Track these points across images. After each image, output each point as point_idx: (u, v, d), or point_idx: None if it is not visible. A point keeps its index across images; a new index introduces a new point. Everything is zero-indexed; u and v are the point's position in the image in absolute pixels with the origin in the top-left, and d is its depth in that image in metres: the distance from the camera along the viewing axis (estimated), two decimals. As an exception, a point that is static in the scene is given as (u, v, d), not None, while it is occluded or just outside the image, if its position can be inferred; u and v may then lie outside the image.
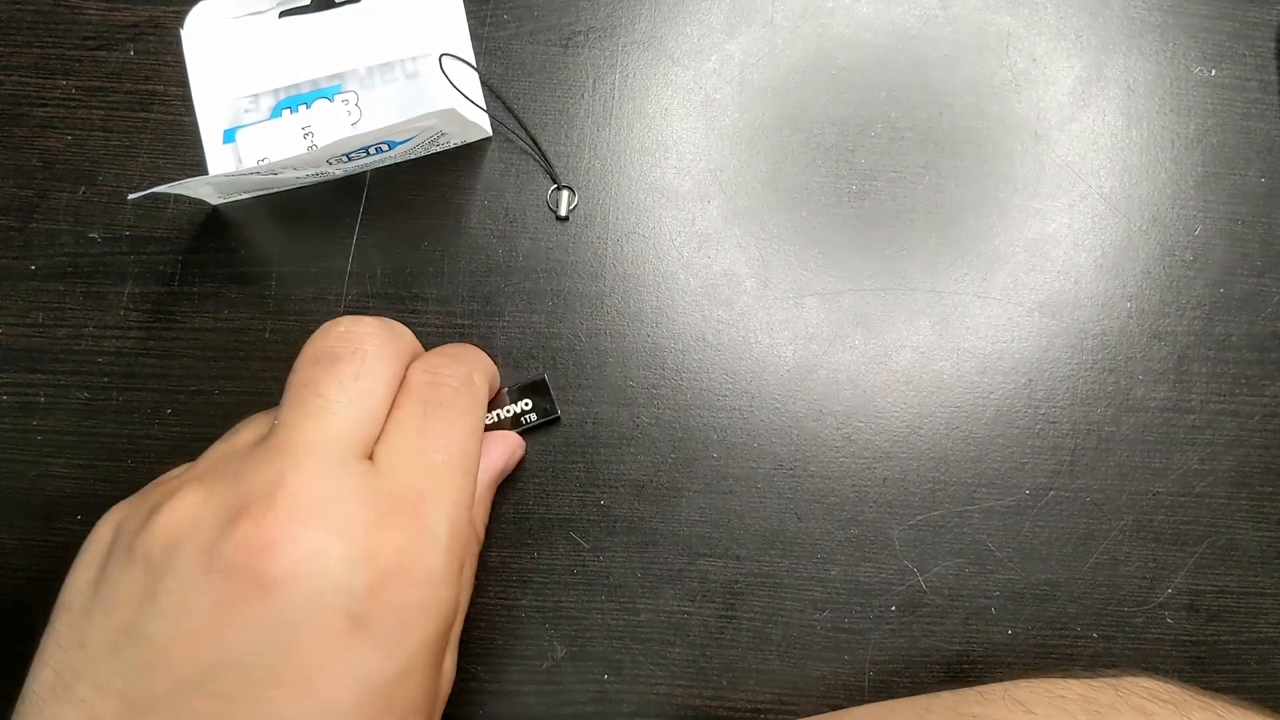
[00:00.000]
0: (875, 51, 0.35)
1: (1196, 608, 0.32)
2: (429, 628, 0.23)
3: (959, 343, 0.33)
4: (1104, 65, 0.35)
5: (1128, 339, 0.33)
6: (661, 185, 0.33)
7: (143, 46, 0.34)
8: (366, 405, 0.24)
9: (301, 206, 0.33)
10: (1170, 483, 0.32)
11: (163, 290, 0.32)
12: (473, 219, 0.33)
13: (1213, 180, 0.34)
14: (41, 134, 0.33)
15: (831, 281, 0.33)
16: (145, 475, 0.27)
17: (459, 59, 0.33)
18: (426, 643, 0.22)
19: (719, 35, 0.34)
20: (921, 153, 0.34)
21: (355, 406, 0.24)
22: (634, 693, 0.30)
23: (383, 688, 0.21)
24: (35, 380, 0.32)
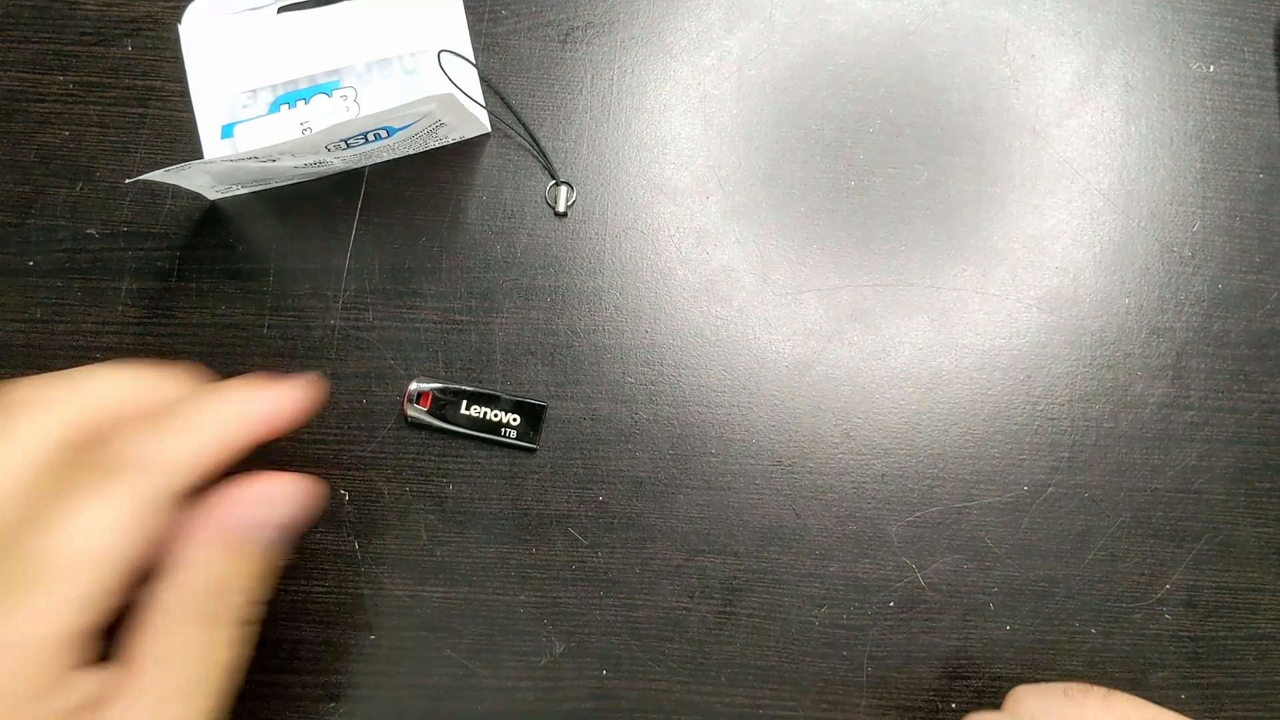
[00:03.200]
0: (874, 48, 0.34)
1: (1195, 603, 0.32)
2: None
3: (957, 339, 0.33)
4: (1103, 61, 0.35)
5: (1126, 335, 0.33)
6: (660, 181, 0.33)
7: (141, 42, 0.33)
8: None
9: (299, 202, 0.33)
10: (1168, 479, 0.32)
11: (160, 286, 0.32)
12: (471, 215, 0.33)
13: (1211, 176, 0.34)
14: (39, 130, 0.33)
15: (830, 277, 0.33)
16: (143, 471, 0.27)
17: (457, 55, 0.33)
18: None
19: (718, 31, 0.34)
20: (920, 149, 0.34)
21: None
22: (632, 689, 0.30)
23: None
24: (33, 376, 0.32)
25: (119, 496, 0.22)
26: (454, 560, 0.31)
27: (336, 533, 0.31)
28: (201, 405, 0.24)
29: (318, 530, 0.31)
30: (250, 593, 0.25)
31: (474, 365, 0.32)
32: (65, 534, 0.21)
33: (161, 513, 0.22)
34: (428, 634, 0.30)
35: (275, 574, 0.26)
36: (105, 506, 0.22)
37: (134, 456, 0.22)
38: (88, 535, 0.21)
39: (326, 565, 0.31)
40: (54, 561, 0.21)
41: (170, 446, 0.23)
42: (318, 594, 0.31)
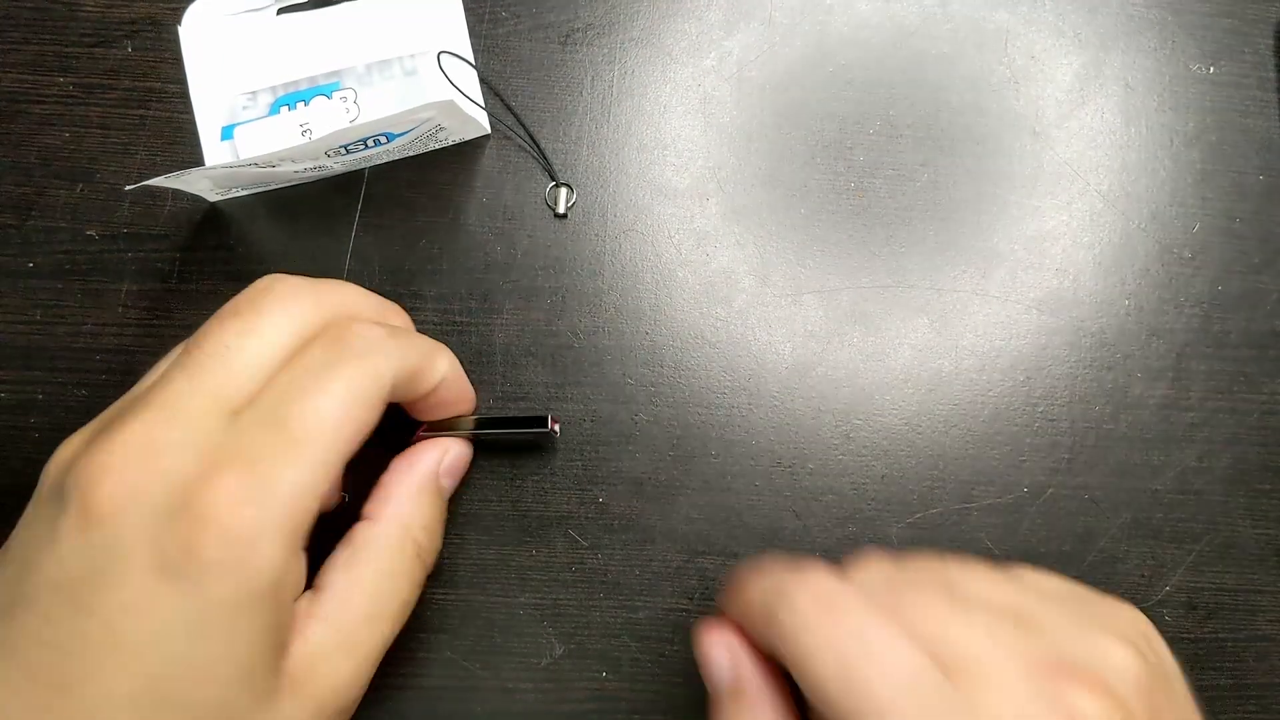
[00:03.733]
0: (874, 49, 0.34)
1: (1195, 605, 0.32)
2: (231, 588, 0.22)
3: (957, 340, 0.33)
4: (1102, 62, 0.35)
5: (1126, 336, 0.33)
6: (660, 183, 0.33)
7: (140, 44, 0.33)
8: (242, 361, 0.24)
9: (300, 204, 0.33)
10: (1168, 480, 0.32)
11: (161, 288, 0.32)
12: (471, 216, 0.33)
13: (1211, 178, 0.34)
14: (39, 131, 0.33)
15: (830, 279, 0.33)
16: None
17: (457, 56, 0.33)
18: (228, 604, 0.22)
19: (717, 32, 0.34)
20: (920, 150, 0.34)
21: (229, 362, 0.24)
22: (632, 691, 0.30)
23: (180, 638, 0.21)
24: (33, 378, 0.32)
25: (357, 375, 0.24)
26: (453, 561, 0.31)
27: (337, 534, 0.31)
28: (418, 336, 0.28)
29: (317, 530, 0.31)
30: (439, 538, 0.28)
31: (474, 366, 0.32)
32: (314, 404, 0.23)
33: (383, 400, 0.25)
34: (427, 635, 0.30)
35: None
36: (347, 383, 0.24)
37: (368, 345, 0.25)
38: (333, 406, 0.24)
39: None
40: (307, 427, 0.23)
41: (396, 347, 0.26)
42: (318, 595, 0.31)
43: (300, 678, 0.24)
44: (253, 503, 0.22)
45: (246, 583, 0.22)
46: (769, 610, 0.23)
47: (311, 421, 0.23)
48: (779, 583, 0.23)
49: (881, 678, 0.21)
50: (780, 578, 0.23)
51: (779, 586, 0.23)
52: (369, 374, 0.24)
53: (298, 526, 0.23)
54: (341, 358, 0.24)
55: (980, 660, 0.21)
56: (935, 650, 0.21)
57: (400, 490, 0.28)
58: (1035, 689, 0.21)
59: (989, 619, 0.22)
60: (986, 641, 0.22)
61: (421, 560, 0.27)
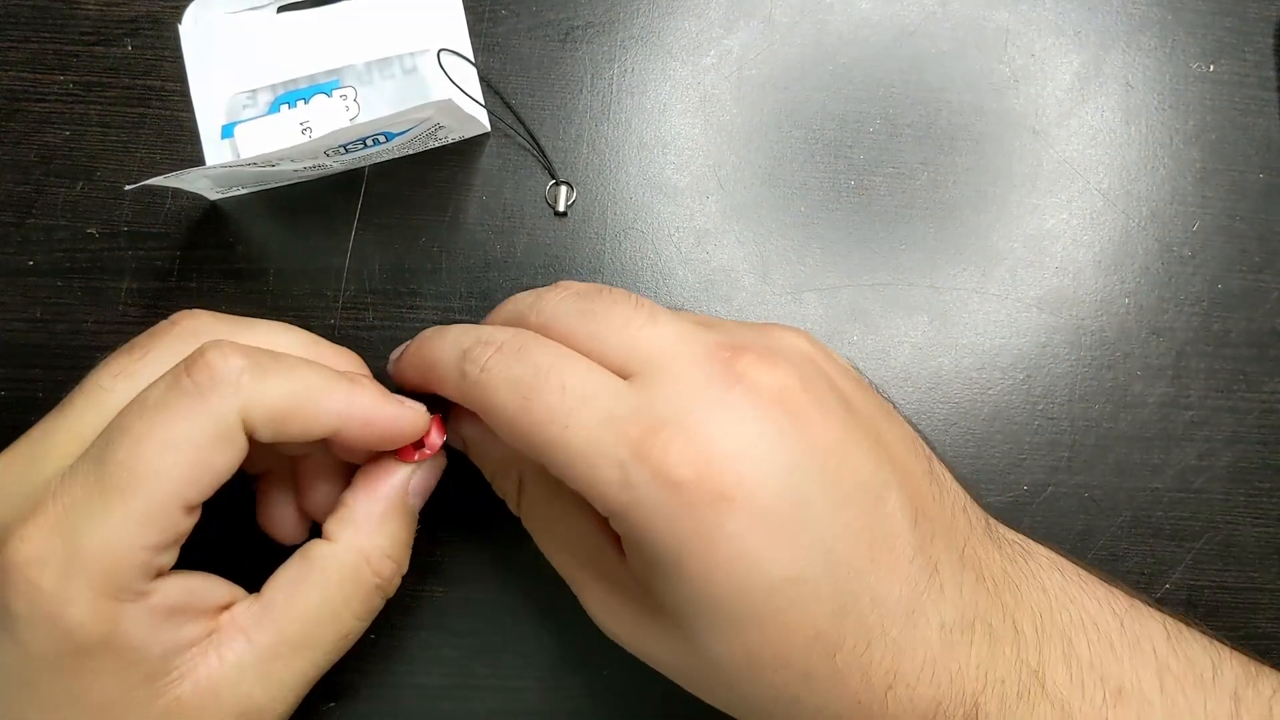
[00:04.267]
0: (874, 47, 0.34)
1: (1195, 603, 0.32)
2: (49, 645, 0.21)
3: (957, 339, 0.33)
4: (1102, 61, 0.35)
5: (1126, 335, 0.33)
6: (660, 181, 0.33)
7: (141, 42, 0.33)
8: (113, 404, 0.23)
9: (300, 202, 0.33)
10: (1168, 479, 0.32)
11: (160, 286, 0.32)
12: (471, 215, 0.33)
13: (1211, 176, 0.34)
14: (39, 129, 0.33)
15: (830, 277, 0.33)
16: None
17: (457, 54, 0.33)
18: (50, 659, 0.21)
19: (717, 31, 0.34)
20: (920, 149, 0.34)
21: (100, 403, 0.24)
22: (635, 688, 0.30)
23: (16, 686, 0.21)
24: (33, 376, 0.32)
25: (192, 415, 0.22)
26: (453, 560, 0.31)
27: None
28: (308, 365, 0.24)
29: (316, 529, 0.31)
30: (404, 563, 0.26)
31: (474, 365, 0.32)
32: (136, 449, 0.21)
33: (231, 443, 0.22)
34: (428, 633, 0.30)
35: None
36: (178, 425, 0.22)
37: (214, 380, 0.22)
38: (157, 450, 0.21)
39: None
40: (127, 474, 0.21)
41: (253, 384, 0.22)
42: (318, 594, 0.31)
43: (195, 704, 0.22)
44: (55, 560, 0.21)
45: (62, 640, 0.21)
46: (458, 368, 0.24)
47: (131, 468, 0.21)
48: (467, 336, 0.24)
49: (558, 402, 0.22)
50: (468, 331, 0.25)
51: (467, 340, 0.24)
52: (207, 414, 0.22)
53: (121, 580, 0.21)
54: (176, 395, 0.22)
55: (662, 354, 0.23)
56: (622, 358, 0.23)
57: (363, 512, 0.25)
58: (710, 370, 0.22)
59: (674, 322, 0.24)
60: (669, 339, 0.23)
61: (381, 590, 0.25)
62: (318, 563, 0.24)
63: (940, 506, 0.24)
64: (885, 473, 0.22)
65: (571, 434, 0.22)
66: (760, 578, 0.21)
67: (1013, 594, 0.23)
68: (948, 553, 0.23)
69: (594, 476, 0.21)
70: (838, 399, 0.23)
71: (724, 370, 0.22)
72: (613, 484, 0.21)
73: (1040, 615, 0.23)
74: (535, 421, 0.22)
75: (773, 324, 0.26)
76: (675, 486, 0.21)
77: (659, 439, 0.21)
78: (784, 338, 0.24)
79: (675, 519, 0.21)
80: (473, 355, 0.24)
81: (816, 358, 0.24)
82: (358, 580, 0.25)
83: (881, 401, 0.25)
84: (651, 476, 0.21)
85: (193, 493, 0.22)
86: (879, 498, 0.22)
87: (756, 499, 0.21)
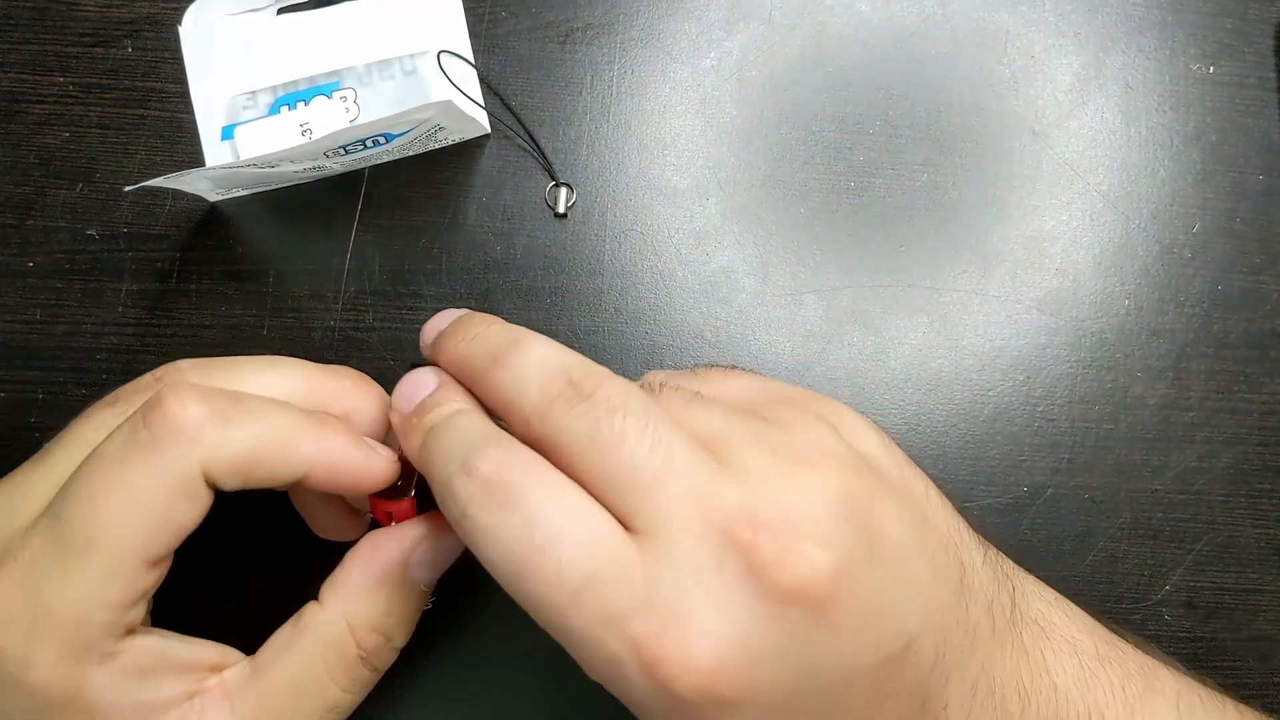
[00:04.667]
0: (874, 49, 0.34)
1: (1195, 604, 0.32)
2: (18, 706, 0.21)
3: (957, 340, 0.33)
4: (1102, 63, 0.35)
5: (1126, 336, 0.33)
6: (660, 182, 0.33)
7: (140, 43, 0.33)
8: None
9: (300, 203, 0.33)
10: (1168, 480, 0.32)
11: (160, 287, 0.32)
12: (471, 216, 0.33)
13: (1211, 178, 0.34)
14: (39, 131, 0.33)
15: (830, 279, 0.33)
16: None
17: (457, 56, 0.33)
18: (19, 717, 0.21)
19: (718, 32, 0.34)
20: (920, 150, 0.34)
21: (76, 459, 0.23)
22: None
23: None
24: (33, 377, 0.32)
25: (150, 470, 0.21)
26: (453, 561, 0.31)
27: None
28: (275, 410, 0.23)
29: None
30: (398, 638, 0.25)
31: (474, 366, 0.32)
32: (93, 507, 0.21)
33: (194, 495, 0.21)
34: (427, 635, 0.30)
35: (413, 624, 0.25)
36: (137, 480, 0.21)
37: (173, 431, 0.21)
38: (115, 508, 0.21)
39: (327, 567, 0.31)
40: (86, 534, 0.21)
41: (216, 432, 0.21)
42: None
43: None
44: (19, 620, 0.20)
45: (28, 700, 0.21)
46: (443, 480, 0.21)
47: (88, 526, 0.21)
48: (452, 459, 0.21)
49: (555, 581, 0.19)
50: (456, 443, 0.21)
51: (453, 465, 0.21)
52: (166, 468, 0.21)
53: (86, 641, 0.21)
54: (133, 449, 0.21)
55: (672, 521, 0.20)
56: (629, 508, 0.20)
57: (353, 578, 0.24)
58: (725, 556, 0.19)
59: (688, 470, 0.20)
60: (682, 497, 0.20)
61: (367, 663, 0.24)
62: (305, 629, 0.23)
63: (964, 626, 0.22)
64: (911, 624, 0.21)
65: (570, 620, 0.20)
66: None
67: (1021, 703, 0.23)
68: (961, 683, 0.22)
69: (591, 662, 0.20)
70: (867, 558, 0.20)
71: (740, 558, 0.19)
72: (610, 677, 0.20)
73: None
74: (530, 597, 0.20)
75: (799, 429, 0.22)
76: (675, 700, 0.19)
77: (663, 645, 0.19)
78: (812, 478, 0.21)
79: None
80: (454, 489, 0.21)
81: (850, 494, 0.21)
82: (341, 651, 0.23)
83: (914, 506, 0.23)
84: (652, 688, 0.19)
85: (154, 548, 0.21)
86: (899, 656, 0.21)
87: (763, 698, 0.19)
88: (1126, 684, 0.24)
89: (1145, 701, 0.24)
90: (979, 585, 0.23)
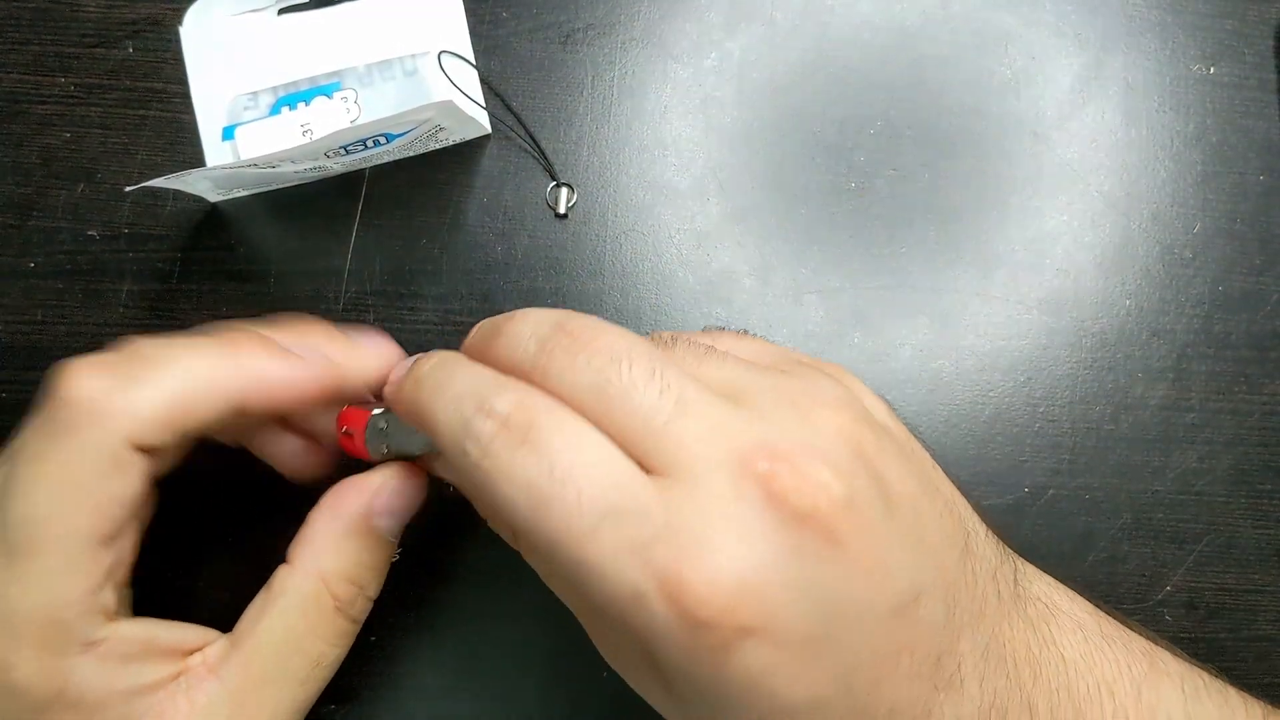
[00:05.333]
0: (875, 50, 0.35)
1: (1195, 605, 0.32)
2: (5, 707, 0.21)
3: (958, 341, 0.33)
4: (1103, 63, 0.35)
5: (1127, 337, 0.33)
6: (660, 183, 0.33)
7: (141, 44, 0.34)
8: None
9: (300, 204, 0.33)
10: (1169, 481, 0.32)
11: (161, 288, 0.32)
12: (471, 217, 0.33)
13: (1212, 178, 0.34)
14: (40, 131, 0.33)
15: (830, 279, 0.33)
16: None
17: (458, 56, 0.33)
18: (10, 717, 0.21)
19: (718, 33, 0.34)
20: (920, 151, 0.34)
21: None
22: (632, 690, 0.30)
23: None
24: (33, 377, 0.31)
25: (65, 457, 0.21)
26: (453, 561, 0.31)
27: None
28: (179, 355, 0.22)
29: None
30: (371, 587, 0.25)
31: (474, 367, 0.32)
32: (21, 507, 0.21)
33: (128, 461, 0.21)
34: (429, 635, 0.30)
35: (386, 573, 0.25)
36: (65, 467, 0.21)
37: (89, 404, 0.21)
38: (41, 504, 0.21)
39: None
40: (22, 535, 0.20)
41: (124, 400, 0.21)
42: (318, 596, 0.31)
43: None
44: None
45: (16, 702, 0.21)
46: (458, 422, 0.21)
47: (29, 524, 0.21)
48: (467, 399, 0.21)
49: (575, 513, 0.19)
50: (467, 384, 0.21)
51: (468, 405, 0.21)
52: (85, 447, 0.21)
53: (63, 634, 0.21)
54: (47, 439, 0.21)
55: (691, 457, 0.20)
56: (645, 451, 0.20)
57: (320, 533, 0.24)
58: (743, 485, 0.20)
59: (702, 414, 0.21)
60: (697, 436, 0.20)
61: (344, 613, 0.24)
62: (279, 591, 0.23)
63: (972, 590, 0.23)
64: (922, 577, 0.21)
65: (589, 551, 0.19)
66: (778, 704, 0.20)
67: (1032, 672, 0.23)
68: (973, 644, 0.22)
69: (610, 595, 0.20)
70: (880, 501, 0.21)
71: (758, 487, 0.20)
72: (629, 609, 0.20)
73: (1056, 692, 0.23)
74: (548, 530, 0.20)
75: (813, 380, 0.22)
76: (696, 625, 0.19)
77: (683, 571, 0.19)
78: (827, 422, 0.21)
79: (693, 651, 0.20)
80: (474, 430, 0.20)
81: (863, 441, 0.21)
82: (319, 606, 0.23)
83: (921, 468, 0.23)
84: (673, 615, 0.19)
85: (101, 527, 0.21)
86: (911, 606, 0.21)
87: (782, 629, 0.20)
88: (1132, 663, 0.24)
89: (1151, 681, 0.24)
90: (983, 554, 0.23)
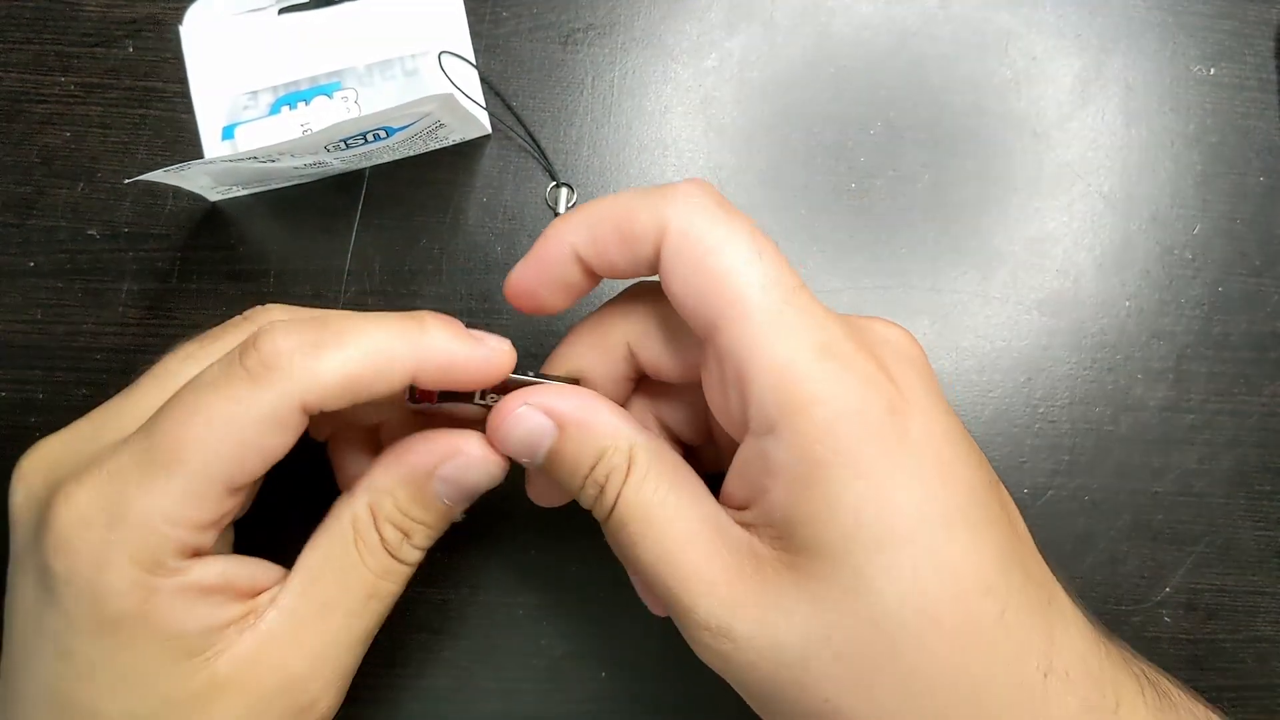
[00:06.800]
0: (875, 50, 0.34)
1: (1194, 606, 0.32)
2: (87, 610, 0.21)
3: (958, 341, 0.33)
4: (1103, 64, 0.35)
5: (1126, 338, 0.33)
6: (660, 183, 0.33)
7: (141, 43, 0.33)
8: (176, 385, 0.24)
9: (300, 203, 0.33)
10: (1169, 482, 0.32)
11: (161, 287, 0.32)
12: (471, 216, 0.33)
13: (1212, 179, 0.34)
14: (40, 130, 0.33)
15: (830, 280, 0.33)
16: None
17: (458, 56, 0.33)
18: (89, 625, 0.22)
19: (718, 33, 0.34)
20: (921, 151, 0.34)
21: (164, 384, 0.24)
22: (632, 690, 0.30)
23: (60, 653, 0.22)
24: (33, 377, 0.32)
25: (245, 398, 0.21)
26: (454, 562, 0.31)
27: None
28: (367, 327, 0.23)
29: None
30: (418, 537, 0.25)
31: (474, 367, 0.32)
32: (186, 427, 0.21)
33: (285, 425, 0.22)
34: (428, 636, 0.30)
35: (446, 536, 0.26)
36: (231, 406, 0.21)
37: (275, 359, 0.22)
38: (206, 430, 0.21)
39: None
40: (176, 450, 0.21)
41: (316, 359, 0.22)
42: (318, 595, 0.30)
43: (234, 679, 0.22)
44: (96, 524, 0.21)
45: (100, 607, 0.21)
46: (642, 223, 0.23)
47: (176, 443, 0.21)
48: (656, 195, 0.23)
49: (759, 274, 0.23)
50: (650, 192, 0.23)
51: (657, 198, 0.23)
52: (259, 399, 0.21)
53: (157, 554, 0.21)
54: (228, 379, 0.22)
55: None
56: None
57: (380, 471, 0.25)
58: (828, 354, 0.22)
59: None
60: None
61: (390, 553, 0.24)
62: (333, 517, 0.24)
63: (1025, 569, 0.24)
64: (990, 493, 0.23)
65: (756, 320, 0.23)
66: (960, 486, 0.22)
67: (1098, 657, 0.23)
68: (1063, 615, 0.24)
69: (777, 352, 0.22)
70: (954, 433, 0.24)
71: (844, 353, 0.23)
72: (800, 363, 0.21)
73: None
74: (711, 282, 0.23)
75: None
76: (866, 379, 0.21)
77: (844, 342, 0.22)
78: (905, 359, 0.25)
79: (863, 413, 0.21)
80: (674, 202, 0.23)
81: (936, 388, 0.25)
82: (367, 535, 0.24)
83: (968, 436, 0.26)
84: (842, 366, 0.21)
85: (237, 474, 0.22)
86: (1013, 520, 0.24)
87: (929, 409, 0.23)
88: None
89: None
90: (1025, 535, 0.25)
